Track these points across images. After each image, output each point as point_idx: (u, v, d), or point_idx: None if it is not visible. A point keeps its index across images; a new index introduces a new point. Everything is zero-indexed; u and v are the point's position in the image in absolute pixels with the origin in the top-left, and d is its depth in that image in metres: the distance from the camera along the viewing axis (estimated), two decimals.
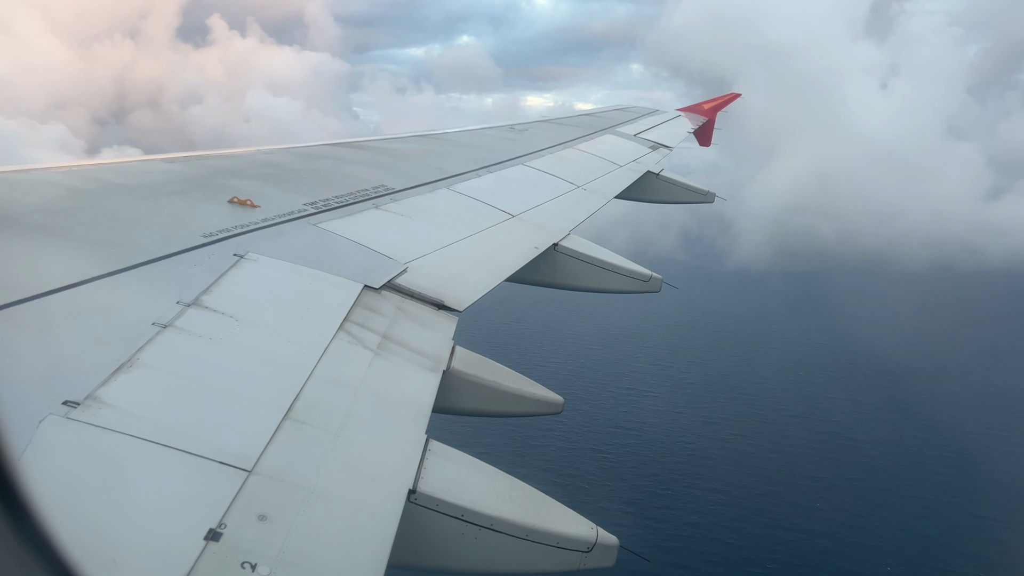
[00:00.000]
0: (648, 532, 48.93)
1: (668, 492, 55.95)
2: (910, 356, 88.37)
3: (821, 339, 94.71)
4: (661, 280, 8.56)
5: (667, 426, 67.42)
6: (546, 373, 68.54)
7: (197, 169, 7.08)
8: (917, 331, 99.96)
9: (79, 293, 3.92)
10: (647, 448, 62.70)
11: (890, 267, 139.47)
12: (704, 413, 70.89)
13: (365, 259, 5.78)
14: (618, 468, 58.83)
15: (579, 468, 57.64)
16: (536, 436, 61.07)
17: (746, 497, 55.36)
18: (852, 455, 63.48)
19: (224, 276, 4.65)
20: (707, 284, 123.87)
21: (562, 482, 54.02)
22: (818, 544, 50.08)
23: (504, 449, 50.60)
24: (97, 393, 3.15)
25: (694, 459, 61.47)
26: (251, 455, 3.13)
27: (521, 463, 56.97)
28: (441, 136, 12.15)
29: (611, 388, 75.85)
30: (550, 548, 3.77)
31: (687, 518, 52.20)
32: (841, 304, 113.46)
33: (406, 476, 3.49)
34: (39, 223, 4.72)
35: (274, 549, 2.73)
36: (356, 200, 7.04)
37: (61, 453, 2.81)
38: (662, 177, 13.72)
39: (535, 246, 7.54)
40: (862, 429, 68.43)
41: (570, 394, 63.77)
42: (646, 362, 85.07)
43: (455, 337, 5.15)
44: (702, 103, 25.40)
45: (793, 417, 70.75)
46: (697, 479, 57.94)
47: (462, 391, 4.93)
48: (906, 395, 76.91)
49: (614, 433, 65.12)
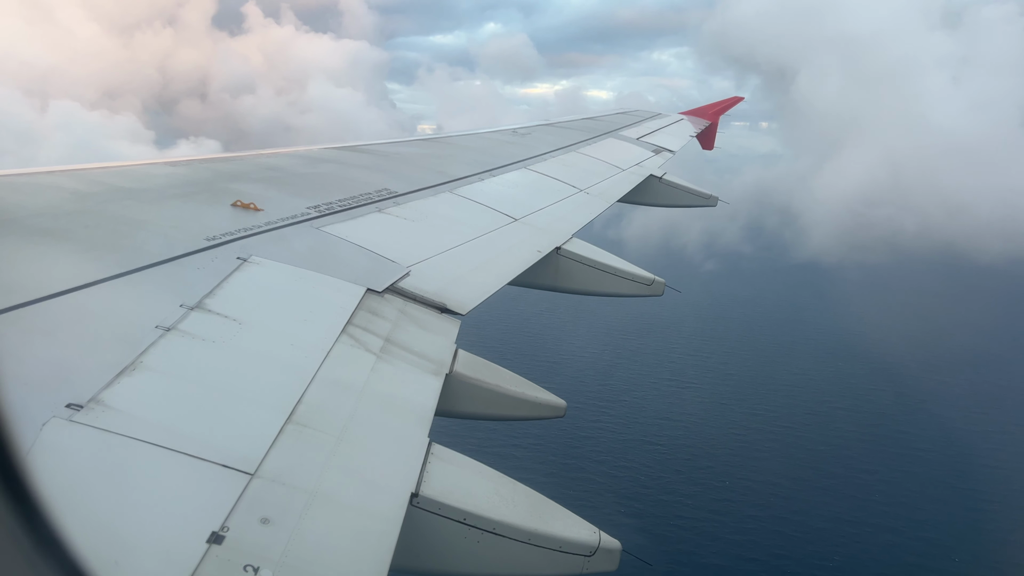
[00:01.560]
0: (709, 524, 48.60)
1: (724, 484, 55.27)
2: (984, 350, 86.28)
3: (875, 333, 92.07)
4: (663, 284, 8.56)
5: (714, 418, 66.43)
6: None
7: (200, 172, 7.09)
8: (991, 325, 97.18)
9: (83, 296, 3.93)
10: (698, 440, 61.84)
11: (963, 260, 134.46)
12: (749, 405, 69.78)
13: (368, 262, 5.79)
14: (671, 460, 58.18)
15: (631, 460, 57.10)
16: (584, 428, 60.65)
17: (804, 490, 54.62)
18: (902, 447, 62.33)
19: (227, 279, 4.66)
20: (771, 276, 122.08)
21: (617, 473, 53.96)
22: (883, 538, 49.29)
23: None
24: (100, 396, 3.16)
25: (746, 451, 60.57)
26: (254, 458, 3.14)
27: (574, 455, 56.44)
28: (444, 139, 12.17)
29: (652, 379, 74.96)
30: (552, 552, 3.77)
31: (747, 511, 51.60)
32: (910, 298, 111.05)
33: (409, 479, 3.49)
34: (43, 226, 4.74)
35: (277, 552, 2.73)
36: (359, 204, 7.05)
37: (64, 456, 2.81)
38: (665, 181, 13.72)
39: (538, 250, 7.55)
40: (908, 421, 67.24)
41: (610, 385, 62.17)
42: (683, 352, 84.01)
43: (458, 340, 5.16)
44: (705, 107, 25.41)
45: (840, 409, 69.57)
46: (752, 471, 57.14)
47: (465, 395, 4.93)
48: (969, 389, 75.06)
49: (662, 425, 64.37)
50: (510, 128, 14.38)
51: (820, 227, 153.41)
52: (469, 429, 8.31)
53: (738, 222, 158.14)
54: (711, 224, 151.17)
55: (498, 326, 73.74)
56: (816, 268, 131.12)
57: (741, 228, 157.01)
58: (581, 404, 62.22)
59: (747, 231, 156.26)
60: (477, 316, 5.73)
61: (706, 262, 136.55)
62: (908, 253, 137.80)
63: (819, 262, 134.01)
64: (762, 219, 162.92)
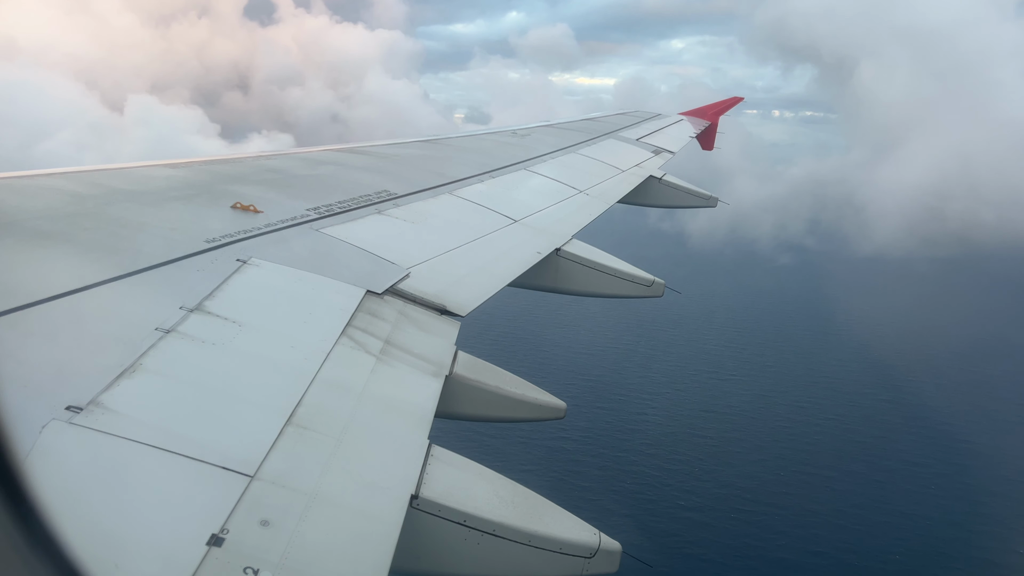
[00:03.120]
0: (769, 517, 48.06)
1: (780, 478, 54.51)
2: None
3: (937, 324, 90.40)
4: (663, 285, 8.57)
5: (759, 411, 65.28)
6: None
7: (200, 175, 7.10)
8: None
9: (83, 298, 3.93)
10: (745, 433, 60.76)
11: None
12: (791, 397, 68.56)
13: (368, 264, 5.79)
14: (724, 454, 57.25)
15: (682, 453, 56.46)
16: (634, 420, 60.21)
17: (861, 484, 53.83)
18: (952, 441, 61.07)
19: (227, 281, 4.66)
20: (836, 269, 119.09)
21: (671, 465, 53.45)
22: (945, 532, 48.51)
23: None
24: (100, 398, 3.16)
25: (798, 444, 59.57)
26: (254, 460, 3.14)
27: (622, 446, 55.80)
28: (444, 141, 12.17)
29: (692, 371, 73.95)
30: (552, 553, 3.76)
31: (807, 505, 50.87)
32: (982, 292, 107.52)
33: (408, 481, 3.49)
34: (43, 228, 4.74)
35: (276, 555, 2.73)
36: (359, 205, 7.06)
37: (64, 458, 2.81)
38: (664, 181, 13.73)
39: (537, 251, 7.55)
40: (952, 412, 65.76)
41: (650, 378, 62.52)
42: (717, 344, 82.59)
43: (457, 342, 5.15)
44: (705, 107, 25.41)
45: (884, 402, 68.30)
46: (805, 465, 56.25)
47: (464, 396, 4.93)
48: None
49: (707, 418, 63.31)
50: (509, 129, 14.39)
51: (887, 220, 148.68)
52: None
53: (800, 215, 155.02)
54: (771, 217, 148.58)
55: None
56: (883, 261, 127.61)
57: (804, 221, 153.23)
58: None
59: (809, 224, 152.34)
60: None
61: (780, 256, 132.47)
62: (982, 247, 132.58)
63: (886, 255, 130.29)
64: (822, 211, 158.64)
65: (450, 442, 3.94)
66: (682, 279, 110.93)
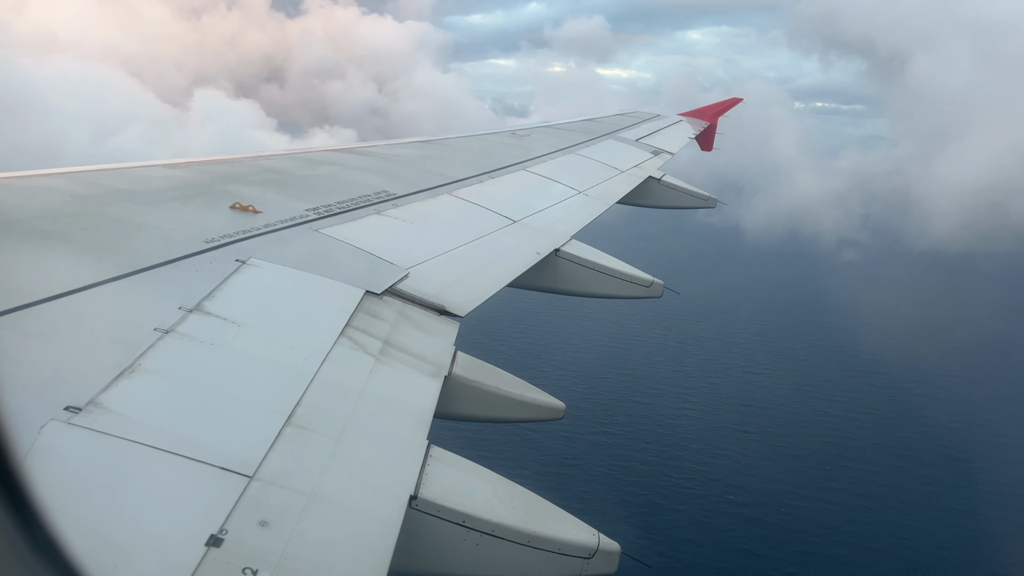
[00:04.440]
0: (820, 513, 47.40)
1: (826, 473, 53.59)
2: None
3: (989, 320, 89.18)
4: (662, 285, 8.57)
5: (797, 405, 64.16)
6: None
7: (199, 175, 7.10)
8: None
9: (82, 299, 3.93)
10: (787, 429, 59.89)
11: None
12: (828, 391, 67.63)
13: (367, 264, 5.79)
14: (767, 448, 56.53)
15: (725, 448, 55.67)
16: (673, 415, 59.46)
17: (906, 479, 53.08)
18: (994, 436, 59.98)
19: (226, 282, 4.66)
20: (893, 264, 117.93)
21: (716, 460, 52.78)
22: (999, 530, 47.33)
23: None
24: (99, 399, 3.15)
25: (840, 438, 58.69)
26: (253, 461, 3.14)
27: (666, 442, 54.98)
28: (443, 142, 12.17)
29: (724, 365, 73.19)
30: (551, 554, 3.76)
31: (856, 501, 50.19)
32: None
33: (407, 482, 3.49)
34: (42, 229, 4.74)
35: (275, 555, 2.73)
36: (358, 206, 7.06)
37: (63, 458, 2.81)
38: (663, 182, 13.73)
39: (537, 251, 7.55)
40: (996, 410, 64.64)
41: (683, 371, 62.46)
42: (745, 338, 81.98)
43: (457, 343, 5.16)
44: (704, 108, 25.41)
45: (921, 396, 67.32)
46: (850, 460, 55.52)
47: (464, 397, 4.93)
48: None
49: (745, 412, 62.48)
50: (508, 130, 14.39)
51: (944, 215, 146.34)
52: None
53: (853, 209, 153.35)
54: (823, 211, 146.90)
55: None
56: (942, 257, 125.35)
57: (856, 216, 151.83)
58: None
59: (862, 219, 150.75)
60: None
61: (842, 251, 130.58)
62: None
63: (944, 251, 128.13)
64: (872, 206, 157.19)
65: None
66: (733, 273, 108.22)
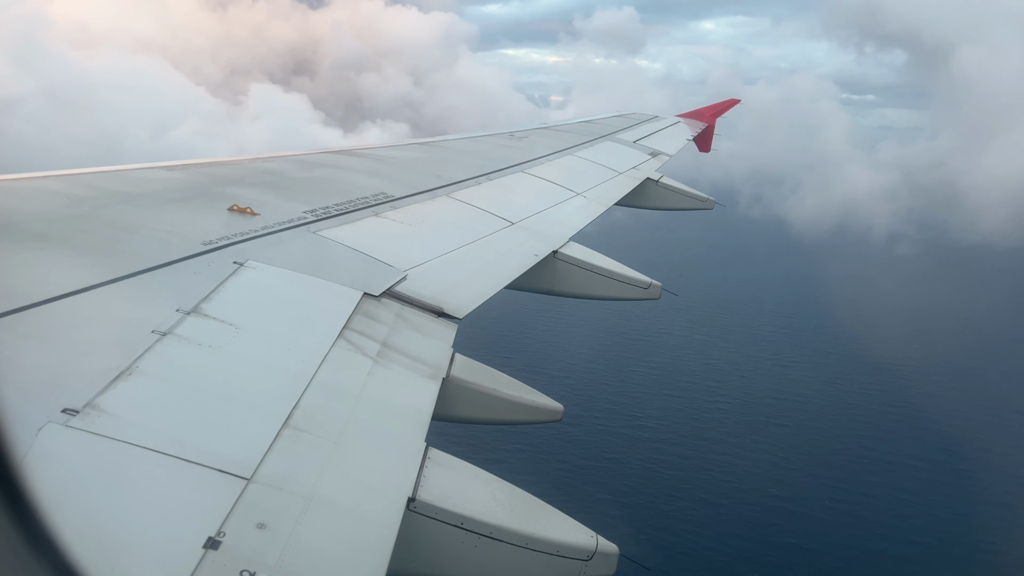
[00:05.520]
0: (863, 507, 46.67)
1: (865, 467, 52.93)
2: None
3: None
4: (660, 287, 8.58)
5: (829, 399, 63.33)
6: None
7: (197, 177, 7.09)
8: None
9: (79, 301, 3.92)
10: (822, 422, 59.09)
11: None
12: (858, 383, 66.81)
13: (365, 267, 5.79)
14: (801, 441, 55.62)
15: (762, 442, 54.85)
16: (708, 408, 58.83)
17: (944, 474, 52.43)
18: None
19: (224, 284, 4.66)
20: (940, 258, 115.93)
21: (753, 455, 52.18)
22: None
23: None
24: (96, 401, 3.15)
25: (876, 432, 57.85)
26: (250, 463, 3.13)
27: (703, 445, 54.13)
28: (440, 144, 12.18)
29: (752, 358, 72.21)
30: (550, 556, 3.76)
31: (898, 495, 49.43)
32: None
33: (405, 484, 3.49)
34: (39, 231, 4.73)
35: (273, 558, 2.73)
36: (356, 208, 7.06)
37: (60, 461, 2.81)
38: (661, 184, 13.75)
39: (535, 253, 7.55)
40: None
41: (712, 364, 62.01)
42: (770, 330, 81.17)
43: (455, 345, 5.16)
44: (702, 109, 25.44)
45: (951, 389, 66.38)
46: (886, 454, 54.84)
47: (462, 399, 4.94)
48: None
49: (779, 405, 61.43)
50: (507, 132, 14.40)
51: (993, 208, 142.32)
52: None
53: (898, 203, 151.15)
54: (874, 205, 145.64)
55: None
56: (990, 251, 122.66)
57: (901, 209, 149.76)
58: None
59: (907, 211, 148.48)
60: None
61: (897, 245, 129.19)
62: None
63: (993, 245, 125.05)
64: (914, 199, 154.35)
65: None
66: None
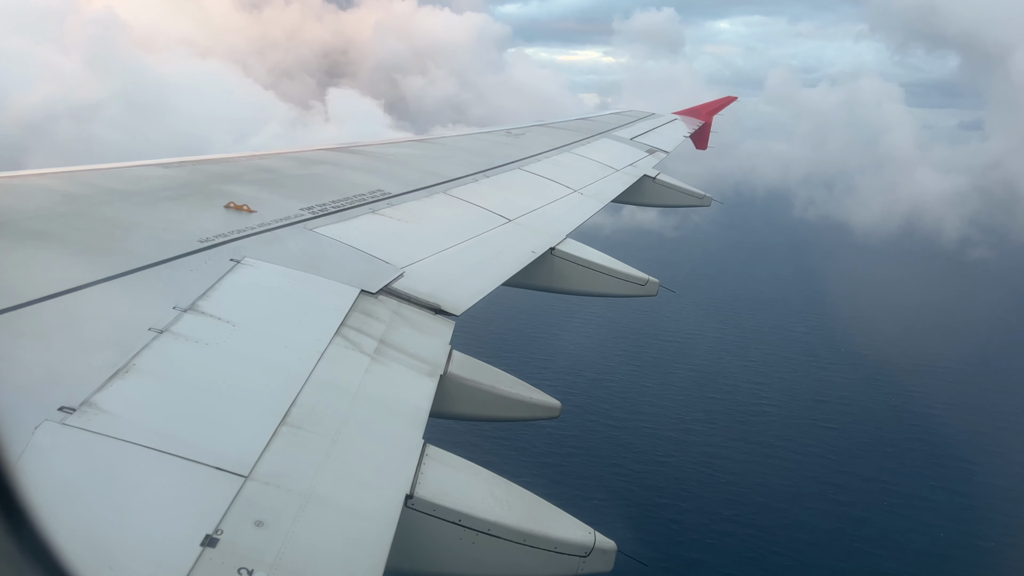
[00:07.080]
0: (919, 511, 46.29)
1: (916, 470, 52.40)
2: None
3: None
4: (657, 284, 8.58)
5: (871, 399, 62.55)
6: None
7: (194, 174, 7.08)
8: None
9: (75, 299, 3.91)
10: (869, 424, 58.50)
11: None
12: (888, 388, 65.51)
13: (362, 264, 5.79)
14: (851, 444, 54.98)
15: (810, 445, 54.34)
16: (751, 410, 58.56)
17: (993, 475, 51.75)
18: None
19: (220, 281, 4.65)
20: (1000, 262, 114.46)
21: (805, 458, 51.76)
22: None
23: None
24: (93, 399, 3.14)
25: (924, 434, 57.21)
26: (248, 461, 3.13)
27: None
28: (438, 141, 12.17)
29: (785, 358, 71.69)
30: (547, 553, 3.77)
31: (958, 500, 48.89)
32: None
33: (403, 481, 3.49)
34: (36, 228, 4.72)
35: (271, 555, 2.73)
36: (353, 205, 7.05)
37: (57, 459, 2.80)
38: (658, 181, 13.75)
39: (532, 250, 7.55)
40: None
41: (750, 366, 61.42)
42: (803, 330, 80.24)
43: (452, 341, 5.15)
44: (699, 106, 25.44)
45: (996, 392, 66.03)
46: (936, 456, 54.26)
47: (459, 396, 4.93)
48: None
49: (823, 407, 60.78)
50: (503, 128, 14.39)
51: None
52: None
53: (956, 206, 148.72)
54: (936, 208, 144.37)
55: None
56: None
57: (967, 212, 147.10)
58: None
59: (968, 216, 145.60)
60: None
61: (972, 249, 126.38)
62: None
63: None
64: (975, 202, 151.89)
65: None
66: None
